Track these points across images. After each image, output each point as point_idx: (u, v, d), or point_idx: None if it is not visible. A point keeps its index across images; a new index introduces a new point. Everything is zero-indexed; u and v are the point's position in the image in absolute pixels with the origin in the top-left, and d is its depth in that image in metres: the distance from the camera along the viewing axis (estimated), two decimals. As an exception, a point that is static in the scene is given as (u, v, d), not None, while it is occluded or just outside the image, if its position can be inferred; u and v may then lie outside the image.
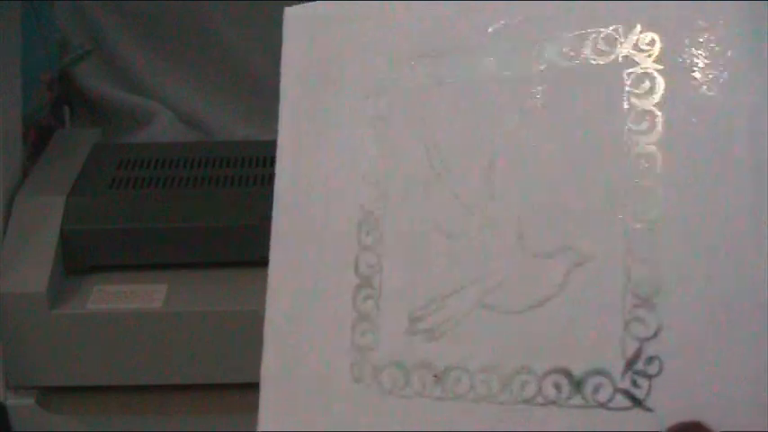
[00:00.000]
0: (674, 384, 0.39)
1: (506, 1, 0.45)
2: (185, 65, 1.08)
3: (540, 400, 0.41)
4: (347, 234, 0.47)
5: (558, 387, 0.41)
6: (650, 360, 0.39)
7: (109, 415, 0.77)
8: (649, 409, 0.39)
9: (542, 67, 0.44)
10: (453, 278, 0.44)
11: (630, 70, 0.42)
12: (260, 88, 1.07)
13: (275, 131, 0.49)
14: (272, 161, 0.48)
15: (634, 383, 0.39)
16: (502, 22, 0.45)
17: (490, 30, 0.45)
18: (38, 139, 0.89)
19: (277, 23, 0.52)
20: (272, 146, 0.49)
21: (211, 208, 0.79)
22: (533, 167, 0.43)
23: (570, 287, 0.41)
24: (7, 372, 0.75)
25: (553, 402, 0.41)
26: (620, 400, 0.39)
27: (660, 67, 0.42)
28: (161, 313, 0.74)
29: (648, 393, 0.39)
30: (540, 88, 0.44)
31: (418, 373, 0.44)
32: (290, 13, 0.52)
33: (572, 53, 0.44)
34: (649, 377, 0.39)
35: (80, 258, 0.77)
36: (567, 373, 0.41)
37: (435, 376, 0.43)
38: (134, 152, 0.88)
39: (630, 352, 0.39)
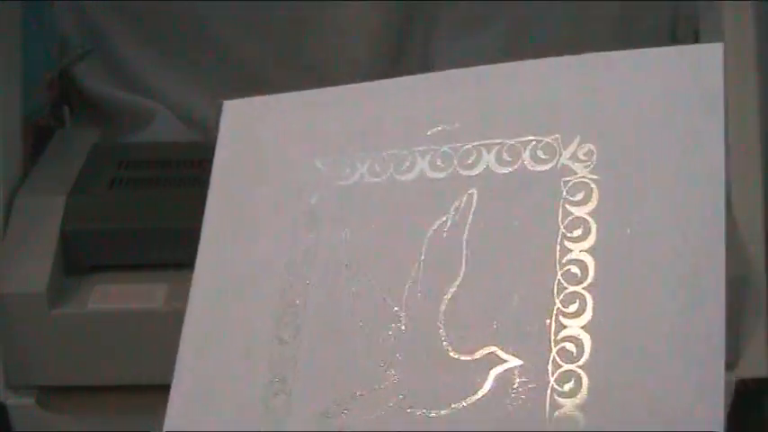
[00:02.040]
0: None
1: (447, 107, 0.46)
2: (185, 65, 1.08)
3: None
4: (264, 327, 0.46)
5: None
6: None
7: (109, 415, 0.77)
8: None
9: (478, 171, 0.44)
10: (371, 375, 0.43)
11: (568, 179, 0.43)
12: (260, 88, 1.07)
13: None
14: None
15: None
16: (441, 126, 0.46)
17: (429, 133, 0.46)
18: (38, 139, 0.89)
19: (277, 23, 0.52)
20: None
21: (211, 208, 0.78)
22: (462, 267, 0.43)
23: (495, 390, 0.41)
24: (7, 372, 0.75)
25: None
26: None
27: (596, 177, 0.42)
28: (161, 313, 0.74)
29: None
30: (473, 191, 0.44)
31: None
32: (229, 105, 0.53)
33: (510, 159, 0.44)
34: None
35: (80, 258, 0.77)
36: None
37: None
38: (134, 152, 0.88)
39: None
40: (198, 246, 0.50)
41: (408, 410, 0.42)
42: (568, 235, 0.42)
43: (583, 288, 0.41)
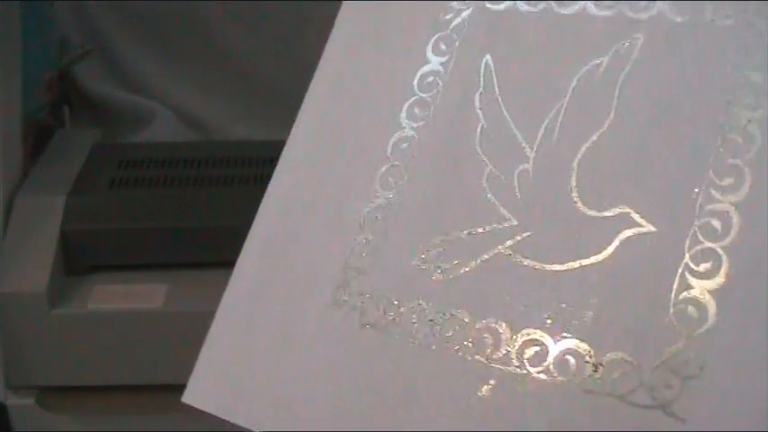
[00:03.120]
0: (710, 392, 0.33)
1: None
2: (185, 64, 1.08)
3: (547, 372, 0.36)
4: (378, 143, 0.43)
5: (574, 363, 0.36)
6: (691, 359, 0.34)
7: (109, 415, 0.77)
8: (673, 415, 0.33)
9: (649, 15, 0.40)
10: (484, 214, 0.40)
11: (753, 39, 0.37)
12: (260, 88, 1.07)
13: (275, 131, 0.49)
14: (272, 161, 0.48)
15: (664, 382, 0.34)
16: None
17: None
18: (38, 139, 0.89)
19: (277, 23, 0.52)
20: (272, 146, 0.48)
21: (211, 208, 0.78)
22: (609, 116, 0.39)
23: (619, 256, 0.36)
24: (7, 372, 0.75)
25: (563, 379, 0.36)
26: (643, 397, 0.34)
27: None
28: (161, 313, 0.74)
29: (678, 397, 0.34)
30: (639, 36, 0.40)
31: (411, 311, 0.39)
32: None
33: (689, 7, 0.39)
34: (684, 378, 0.34)
35: (80, 258, 0.76)
36: (588, 351, 0.35)
37: (431, 320, 0.39)
38: (134, 152, 0.88)
39: (671, 345, 0.34)
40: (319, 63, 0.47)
41: (517, 259, 0.38)
42: (739, 101, 0.37)
43: (742, 161, 0.36)
